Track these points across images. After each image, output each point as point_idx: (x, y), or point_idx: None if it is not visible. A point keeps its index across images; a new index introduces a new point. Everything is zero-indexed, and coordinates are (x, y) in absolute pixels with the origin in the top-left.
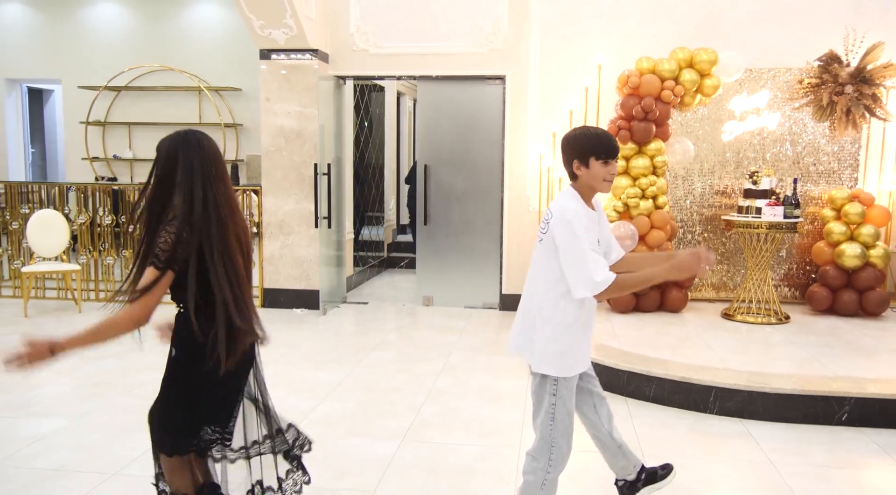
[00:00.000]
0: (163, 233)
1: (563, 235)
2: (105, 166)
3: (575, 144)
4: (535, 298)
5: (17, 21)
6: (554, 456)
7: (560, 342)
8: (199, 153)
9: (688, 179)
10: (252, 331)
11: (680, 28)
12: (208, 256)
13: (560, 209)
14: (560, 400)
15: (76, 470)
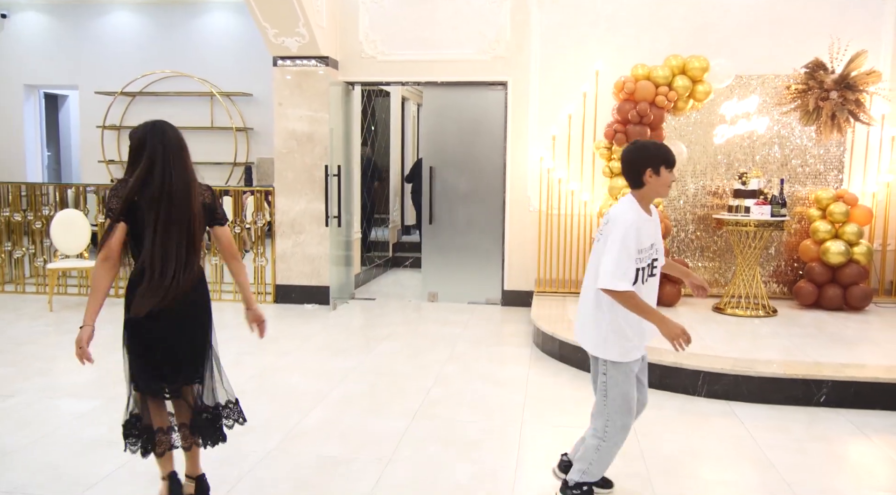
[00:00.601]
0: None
1: (615, 238)
2: (120, 168)
3: (648, 155)
4: (590, 292)
5: (35, 29)
6: (609, 430)
7: (613, 331)
8: (163, 138)
9: (681, 180)
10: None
11: (674, 37)
12: (151, 222)
13: (620, 217)
14: (611, 380)
15: (117, 442)
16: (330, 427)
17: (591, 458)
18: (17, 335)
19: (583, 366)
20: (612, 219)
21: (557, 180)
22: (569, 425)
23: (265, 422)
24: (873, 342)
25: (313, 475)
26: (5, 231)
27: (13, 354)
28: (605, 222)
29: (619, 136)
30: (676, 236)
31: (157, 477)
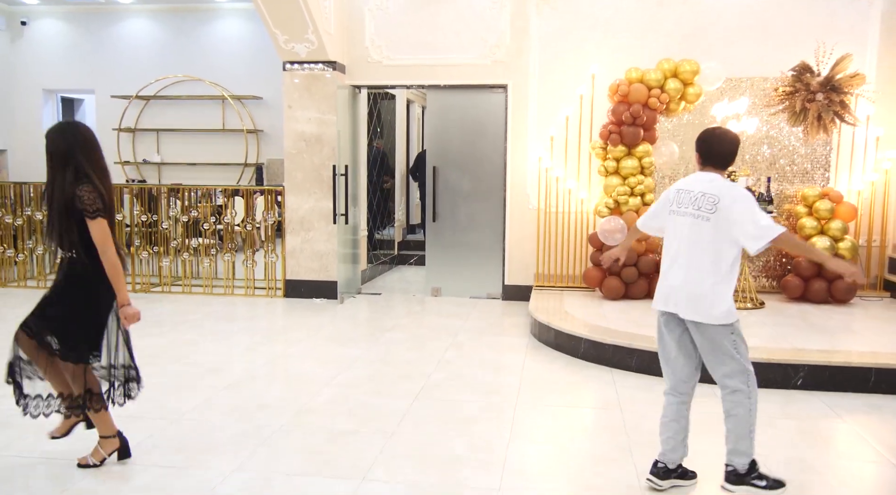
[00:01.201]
0: (82, 193)
1: (745, 206)
2: (135, 169)
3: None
4: (705, 268)
5: (54, 35)
6: (751, 380)
7: (731, 297)
8: (80, 136)
9: (674, 179)
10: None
11: (667, 41)
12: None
13: (733, 191)
14: (738, 336)
15: (142, 418)
16: (338, 405)
17: (751, 424)
18: None
19: (576, 353)
20: (722, 196)
21: (555, 179)
22: (560, 404)
23: (278, 401)
24: (853, 331)
25: (323, 444)
26: (27, 229)
27: None
28: (715, 202)
29: (614, 137)
30: None
31: (179, 445)
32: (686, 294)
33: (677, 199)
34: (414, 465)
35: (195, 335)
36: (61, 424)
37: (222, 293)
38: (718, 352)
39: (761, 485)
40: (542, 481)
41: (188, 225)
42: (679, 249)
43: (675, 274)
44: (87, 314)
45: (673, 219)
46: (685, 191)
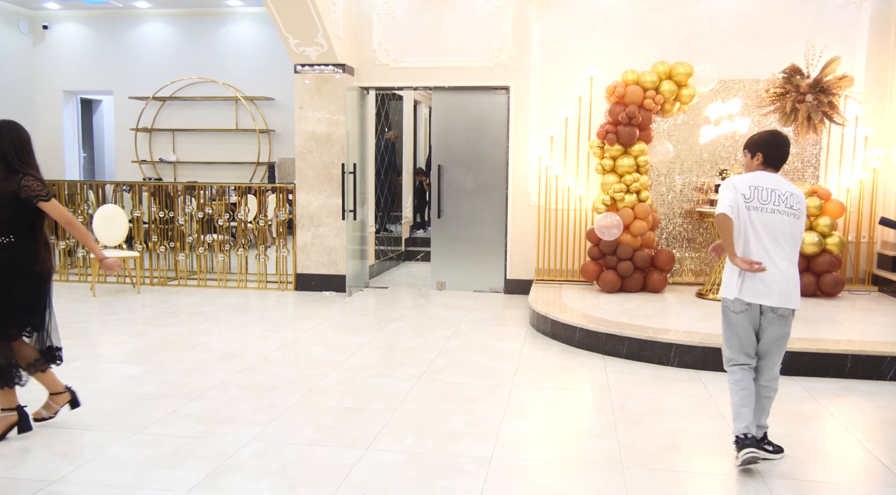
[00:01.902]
0: (28, 182)
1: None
2: (151, 168)
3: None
4: (796, 260)
5: (74, 38)
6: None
7: None
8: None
9: (669, 177)
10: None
11: (663, 45)
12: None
13: (798, 191)
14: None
15: (166, 396)
16: (345, 386)
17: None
18: (65, 315)
19: (571, 341)
20: (798, 195)
21: (555, 177)
22: (553, 387)
23: (289, 383)
24: (835, 322)
25: (331, 420)
26: (51, 225)
27: (66, 330)
28: (798, 200)
29: (611, 136)
30: (665, 228)
31: (199, 419)
32: (784, 285)
33: (757, 196)
34: (415, 437)
35: (210, 325)
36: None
37: (236, 286)
38: (786, 337)
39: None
40: (531, 452)
41: (203, 221)
42: (771, 244)
43: (771, 267)
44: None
45: (758, 215)
46: (768, 189)
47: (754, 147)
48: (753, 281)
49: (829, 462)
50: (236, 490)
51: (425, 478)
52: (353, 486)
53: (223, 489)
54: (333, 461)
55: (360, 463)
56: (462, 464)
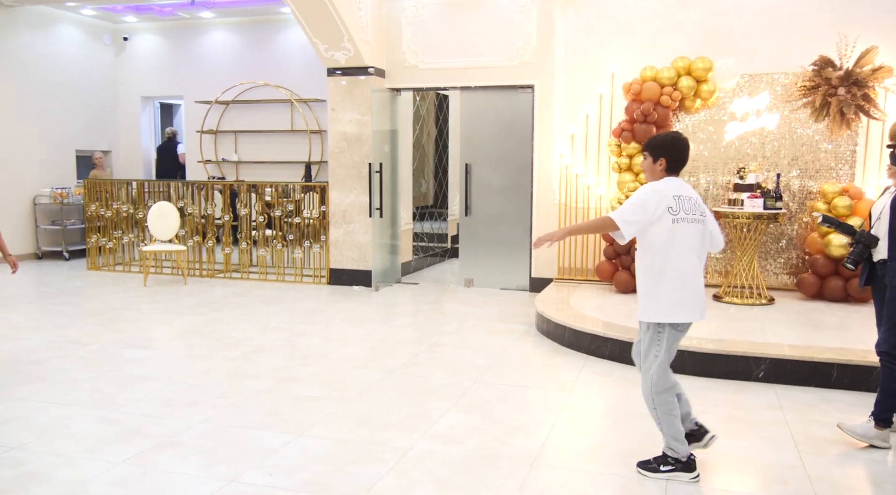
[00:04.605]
0: None
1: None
2: (216, 168)
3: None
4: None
5: (150, 48)
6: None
7: None
8: None
9: (693, 175)
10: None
11: (688, 40)
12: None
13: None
14: None
15: (155, 379)
16: (319, 377)
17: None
18: (113, 302)
19: (561, 340)
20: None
21: (575, 175)
22: (515, 384)
23: (270, 371)
24: (846, 329)
25: (285, 407)
26: (120, 221)
27: (104, 316)
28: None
29: (626, 134)
30: None
31: (167, 401)
32: (704, 297)
33: (682, 207)
34: (352, 426)
35: (234, 314)
36: None
37: (274, 280)
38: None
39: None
40: (454, 445)
41: (247, 218)
42: (696, 258)
43: (700, 281)
44: None
45: (682, 226)
46: (685, 197)
47: (658, 150)
48: (694, 297)
49: (751, 470)
50: (161, 465)
51: (337, 464)
52: (266, 467)
53: (150, 463)
54: (263, 444)
55: (285, 448)
56: (380, 453)
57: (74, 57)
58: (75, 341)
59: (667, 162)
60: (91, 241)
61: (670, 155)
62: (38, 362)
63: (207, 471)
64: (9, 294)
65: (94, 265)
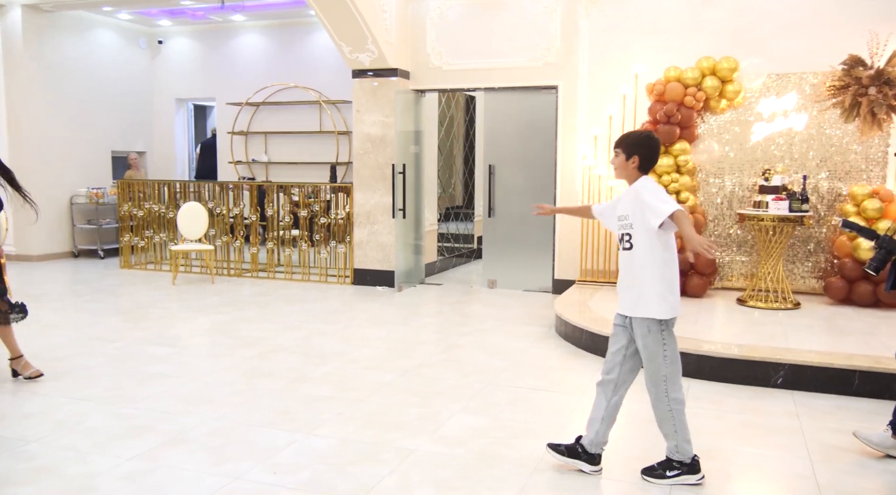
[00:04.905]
0: None
1: None
2: (246, 168)
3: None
4: None
5: (183, 51)
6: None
7: None
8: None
9: (719, 176)
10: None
11: (714, 39)
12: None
13: None
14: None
15: (170, 377)
16: (332, 376)
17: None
18: (141, 300)
19: (578, 343)
20: None
21: (598, 176)
22: (527, 387)
23: (285, 370)
24: (872, 334)
25: (296, 406)
26: (152, 220)
27: (131, 313)
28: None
29: None
30: (714, 231)
31: (184, 398)
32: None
33: None
34: (358, 426)
35: (256, 313)
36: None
37: (300, 279)
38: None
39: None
40: (459, 447)
41: (274, 218)
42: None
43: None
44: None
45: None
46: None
47: (632, 148)
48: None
49: (762, 478)
50: (168, 461)
51: (338, 464)
52: (270, 465)
53: (160, 459)
54: (270, 443)
55: (290, 447)
56: (381, 454)
57: (111, 60)
58: (101, 338)
59: (639, 160)
60: (124, 240)
61: (643, 153)
62: (63, 358)
63: (213, 468)
64: (42, 291)
65: (127, 264)
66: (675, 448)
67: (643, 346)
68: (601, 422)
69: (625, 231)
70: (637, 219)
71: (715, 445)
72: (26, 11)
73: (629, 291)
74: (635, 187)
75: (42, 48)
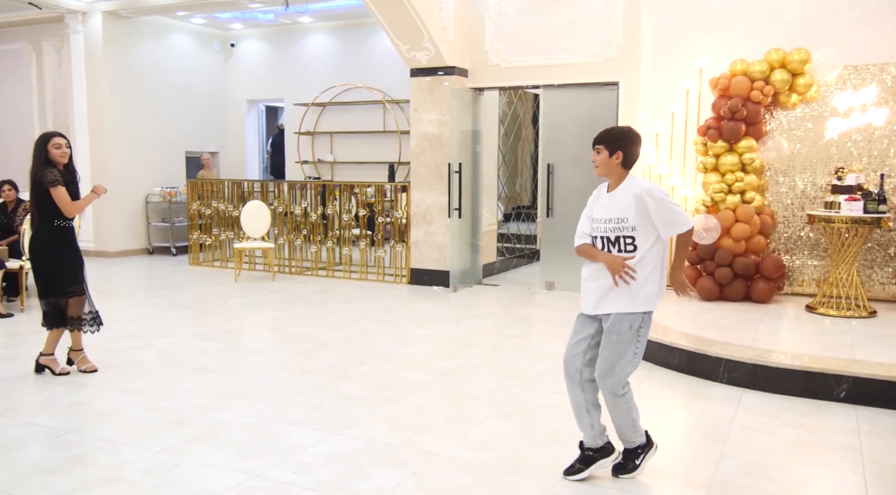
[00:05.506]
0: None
1: None
2: (313, 168)
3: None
4: None
5: (254, 53)
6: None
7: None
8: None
9: (789, 175)
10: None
11: (786, 31)
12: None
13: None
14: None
15: (214, 371)
16: (370, 375)
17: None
18: (203, 296)
19: None
20: None
21: (659, 176)
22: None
23: (324, 368)
24: None
25: (330, 404)
26: (219, 219)
27: (190, 309)
28: None
29: (712, 132)
30: (783, 233)
31: (222, 392)
32: None
33: None
34: (386, 428)
35: (309, 311)
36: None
37: (358, 278)
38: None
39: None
40: (485, 452)
41: (336, 217)
42: None
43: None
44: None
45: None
46: None
47: (615, 143)
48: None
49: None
50: (194, 456)
51: (359, 465)
52: (289, 464)
53: (186, 453)
54: (296, 440)
55: (315, 446)
56: (405, 457)
57: (186, 63)
58: (156, 332)
59: (623, 156)
60: (192, 238)
61: (627, 148)
62: (117, 351)
63: (235, 465)
64: (113, 286)
65: (196, 261)
66: (637, 434)
67: (616, 342)
68: (589, 415)
69: (624, 234)
70: (642, 224)
71: (762, 461)
72: (106, 18)
73: (625, 291)
74: (638, 193)
75: (121, 53)
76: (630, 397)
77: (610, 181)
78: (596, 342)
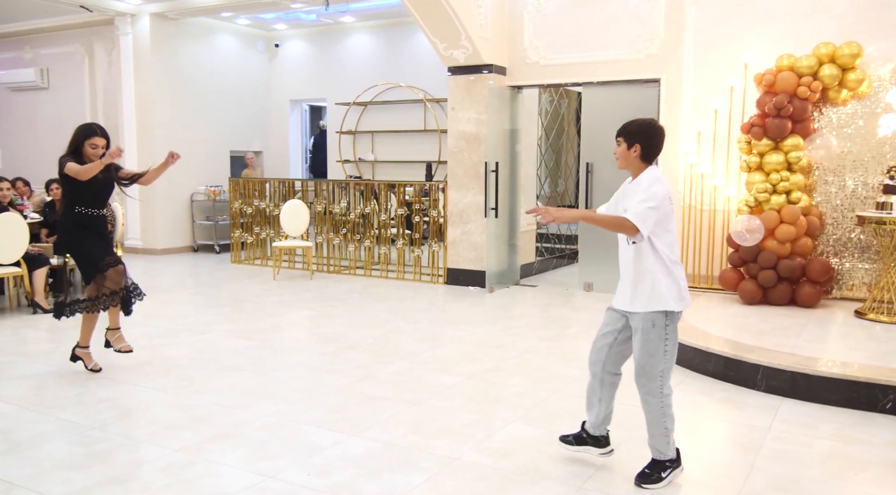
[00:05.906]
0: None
1: None
2: (354, 167)
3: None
4: None
5: (297, 53)
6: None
7: None
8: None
9: (839, 175)
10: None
11: (838, 24)
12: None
13: None
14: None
15: (241, 370)
16: (397, 376)
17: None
18: (241, 294)
19: None
20: None
21: (701, 175)
22: None
23: (352, 368)
24: None
25: (351, 405)
26: (260, 217)
27: (226, 307)
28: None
29: (756, 130)
30: (832, 234)
31: (246, 392)
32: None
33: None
34: (406, 430)
35: (342, 310)
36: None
37: (395, 277)
38: None
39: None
40: (504, 459)
41: (374, 216)
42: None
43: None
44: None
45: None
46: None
47: (633, 136)
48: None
49: None
50: (211, 455)
51: (374, 469)
52: (305, 465)
53: (205, 452)
54: (314, 442)
55: (333, 448)
56: (421, 461)
57: (231, 63)
58: (190, 329)
59: (641, 148)
60: (234, 236)
61: (646, 141)
62: (149, 348)
63: (251, 465)
64: (155, 283)
65: (237, 259)
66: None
67: (644, 340)
68: (599, 404)
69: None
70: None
71: (795, 475)
72: (154, 19)
73: (637, 286)
74: (639, 180)
75: (168, 54)
76: (667, 404)
77: (630, 173)
78: (624, 337)
